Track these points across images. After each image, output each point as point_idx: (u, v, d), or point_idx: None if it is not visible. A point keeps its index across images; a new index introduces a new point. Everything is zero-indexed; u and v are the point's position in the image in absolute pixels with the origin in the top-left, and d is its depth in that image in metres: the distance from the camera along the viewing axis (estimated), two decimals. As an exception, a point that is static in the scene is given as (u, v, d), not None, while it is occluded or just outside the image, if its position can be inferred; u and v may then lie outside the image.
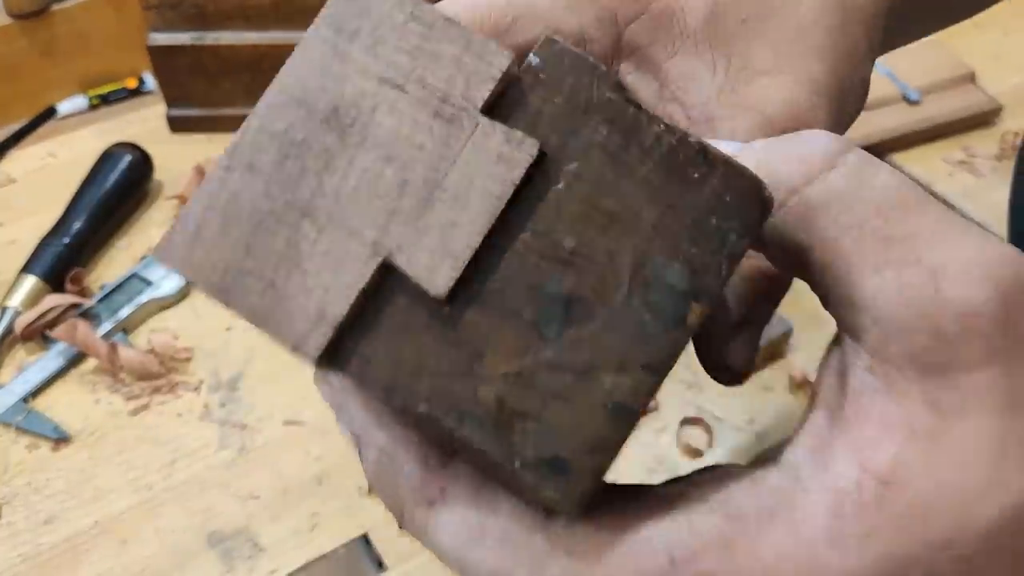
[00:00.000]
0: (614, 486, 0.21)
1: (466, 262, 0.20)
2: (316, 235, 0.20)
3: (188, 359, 0.67)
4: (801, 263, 0.21)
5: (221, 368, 0.66)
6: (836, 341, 0.22)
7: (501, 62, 0.20)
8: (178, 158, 0.81)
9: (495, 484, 0.21)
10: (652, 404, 0.62)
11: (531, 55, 0.21)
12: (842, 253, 0.20)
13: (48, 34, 0.85)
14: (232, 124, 0.84)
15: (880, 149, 0.81)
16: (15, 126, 0.86)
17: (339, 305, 0.20)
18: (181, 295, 0.71)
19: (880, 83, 0.84)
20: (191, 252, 0.21)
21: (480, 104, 0.20)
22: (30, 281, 0.69)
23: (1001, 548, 0.19)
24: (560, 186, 0.20)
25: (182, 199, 0.77)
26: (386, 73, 0.21)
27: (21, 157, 0.84)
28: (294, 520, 0.58)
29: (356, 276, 0.20)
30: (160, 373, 0.65)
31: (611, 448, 0.19)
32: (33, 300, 0.69)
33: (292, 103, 0.21)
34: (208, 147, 0.84)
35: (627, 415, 0.19)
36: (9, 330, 0.67)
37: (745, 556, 0.19)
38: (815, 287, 0.22)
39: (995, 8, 0.51)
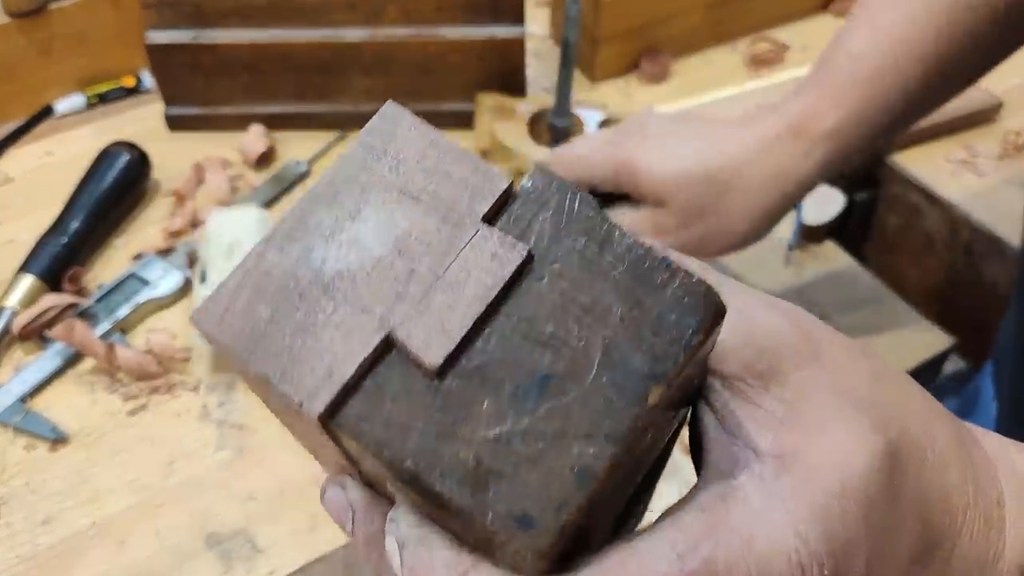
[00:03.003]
0: (586, 546, 0.24)
1: (458, 340, 0.22)
2: (332, 310, 0.23)
3: (186, 359, 0.66)
4: None
5: (219, 368, 0.66)
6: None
7: (501, 183, 0.24)
8: (176, 157, 0.81)
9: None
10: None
11: (525, 179, 0.24)
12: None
13: (46, 33, 0.85)
14: (230, 123, 0.84)
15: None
16: (12, 125, 0.86)
17: (346, 368, 0.22)
18: (179, 295, 0.71)
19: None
20: (223, 320, 0.23)
21: (481, 215, 0.24)
22: (28, 280, 0.69)
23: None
24: (544, 282, 0.23)
25: (180, 197, 0.77)
26: (405, 187, 0.24)
27: (19, 156, 0.84)
28: (292, 521, 0.57)
29: (363, 345, 0.23)
30: (158, 373, 0.65)
31: (575, 507, 0.21)
32: (31, 300, 0.68)
33: (324, 202, 0.24)
34: (206, 146, 0.83)
35: (590, 478, 0.22)
36: (7, 330, 0.67)
37: (728, 534, 0.23)
38: None
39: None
